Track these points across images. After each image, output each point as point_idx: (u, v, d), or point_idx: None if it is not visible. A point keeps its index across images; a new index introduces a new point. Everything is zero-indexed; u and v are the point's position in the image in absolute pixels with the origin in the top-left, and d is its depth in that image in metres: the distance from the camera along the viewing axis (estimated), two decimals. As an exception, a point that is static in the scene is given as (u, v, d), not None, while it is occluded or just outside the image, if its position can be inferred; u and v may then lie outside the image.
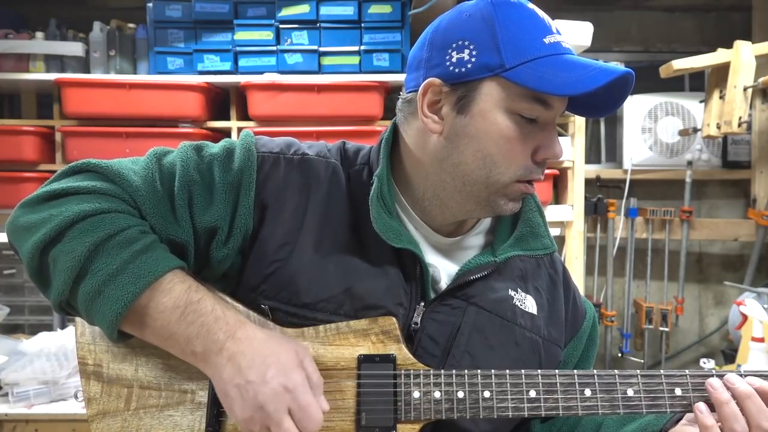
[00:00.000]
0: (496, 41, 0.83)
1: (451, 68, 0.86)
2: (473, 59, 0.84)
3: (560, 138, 2.58)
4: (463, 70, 0.85)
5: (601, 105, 0.89)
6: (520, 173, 0.87)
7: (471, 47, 0.85)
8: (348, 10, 2.36)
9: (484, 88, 0.85)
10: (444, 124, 0.88)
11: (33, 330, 2.53)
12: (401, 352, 0.86)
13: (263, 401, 0.77)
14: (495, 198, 0.89)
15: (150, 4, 2.39)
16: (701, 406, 0.85)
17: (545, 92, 0.82)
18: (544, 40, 0.84)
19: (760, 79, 2.47)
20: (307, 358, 0.82)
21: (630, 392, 0.86)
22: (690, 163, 2.97)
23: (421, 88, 0.88)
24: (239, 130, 2.36)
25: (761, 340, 2.24)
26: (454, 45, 0.86)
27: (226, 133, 2.39)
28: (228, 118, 2.40)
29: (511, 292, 0.95)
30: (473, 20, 0.86)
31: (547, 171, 2.32)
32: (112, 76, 2.37)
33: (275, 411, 0.77)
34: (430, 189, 0.92)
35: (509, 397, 0.85)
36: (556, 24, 0.88)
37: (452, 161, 0.88)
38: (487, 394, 0.85)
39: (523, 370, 0.86)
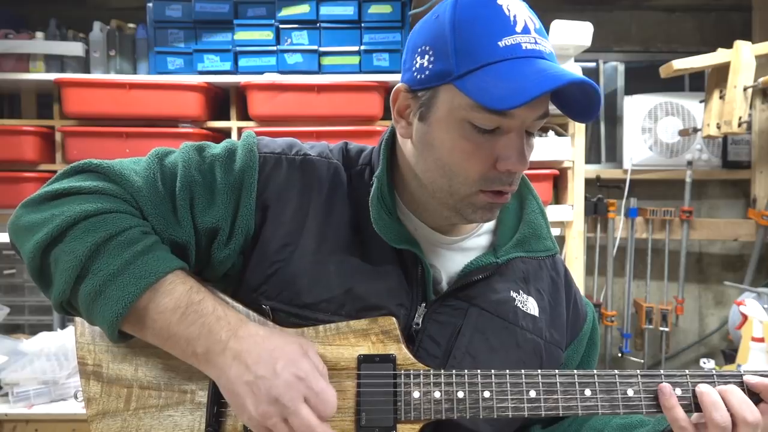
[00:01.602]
0: (450, 46, 0.79)
1: (415, 74, 0.84)
2: (431, 65, 0.82)
3: (560, 138, 2.55)
4: (423, 76, 0.83)
5: (581, 110, 0.84)
6: (480, 183, 0.83)
7: (430, 53, 0.82)
8: (348, 10, 2.37)
9: (440, 96, 0.82)
10: (411, 130, 0.87)
11: (33, 330, 2.53)
12: (401, 352, 0.86)
13: (277, 394, 0.76)
14: (462, 206, 0.86)
15: (150, 4, 2.39)
16: (665, 387, 0.85)
17: (483, 105, 0.77)
18: (500, 42, 0.78)
19: (760, 79, 2.47)
20: (311, 349, 0.82)
21: (630, 392, 0.86)
22: (690, 163, 2.97)
23: (392, 92, 0.88)
24: (239, 130, 2.36)
25: (761, 340, 2.24)
26: (419, 50, 0.84)
27: (226, 133, 2.39)
28: (228, 118, 2.40)
29: (513, 294, 0.95)
30: (438, 23, 0.82)
31: (546, 171, 2.36)
32: (112, 76, 2.37)
33: (291, 400, 0.76)
34: (414, 189, 0.92)
35: (509, 397, 0.85)
36: (556, 24, 0.85)
37: (420, 168, 0.88)
38: (487, 394, 0.85)
39: (523, 370, 0.86)
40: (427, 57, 0.82)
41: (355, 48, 2.36)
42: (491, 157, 0.82)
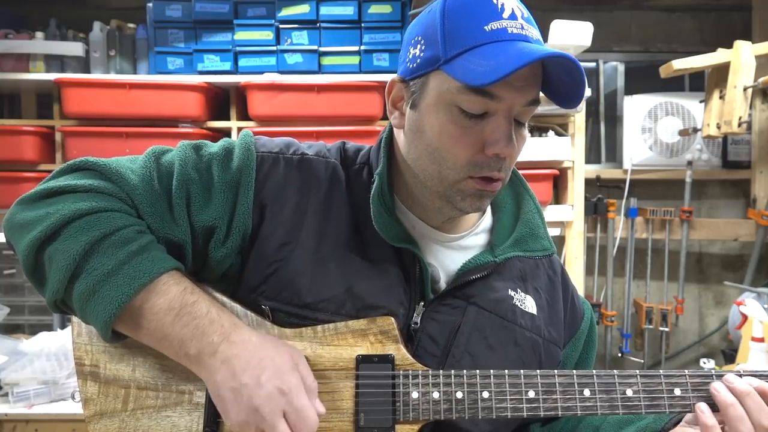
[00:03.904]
0: (440, 33, 0.81)
1: (408, 64, 0.86)
2: (422, 54, 0.84)
3: (560, 138, 2.54)
4: (414, 65, 0.85)
5: (569, 94, 0.84)
6: (468, 169, 0.84)
7: (422, 42, 0.84)
8: (348, 10, 2.37)
9: (430, 83, 0.84)
10: (404, 120, 0.89)
11: (33, 330, 2.53)
12: (400, 353, 0.86)
13: (258, 404, 0.76)
14: (451, 194, 0.87)
15: (150, 4, 2.39)
16: (702, 406, 0.84)
17: (465, 83, 0.78)
18: (486, 27, 0.80)
19: (760, 79, 2.47)
20: (302, 362, 0.82)
21: (629, 392, 0.86)
22: (690, 163, 2.97)
23: (387, 85, 0.90)
24: (239, 130, 2.36)
25: (761, 340, 2.24)
26: (412, 41, 0.86)
27: (226, 133, 2.39)
28: (228, 118, 2.40)
29: (511, 292, 0.95)
30: (430, 15, 0.85)
31: (546, 171, 2.36)
32: (112, 76, 2.37)
33: (270, 413, 0.76)
34: (412, 186, 0.92)
35: (508, 397, 0.85)
36: (556, 24, 0.86)
37: (411, 157, 0.89)
38: (485, 394, 0.85)
39: (522, 371, 0.86)
40: (419, 47, 0.84)
41: (355, 48, 2.36)
42: (479, 142, 0.83)
